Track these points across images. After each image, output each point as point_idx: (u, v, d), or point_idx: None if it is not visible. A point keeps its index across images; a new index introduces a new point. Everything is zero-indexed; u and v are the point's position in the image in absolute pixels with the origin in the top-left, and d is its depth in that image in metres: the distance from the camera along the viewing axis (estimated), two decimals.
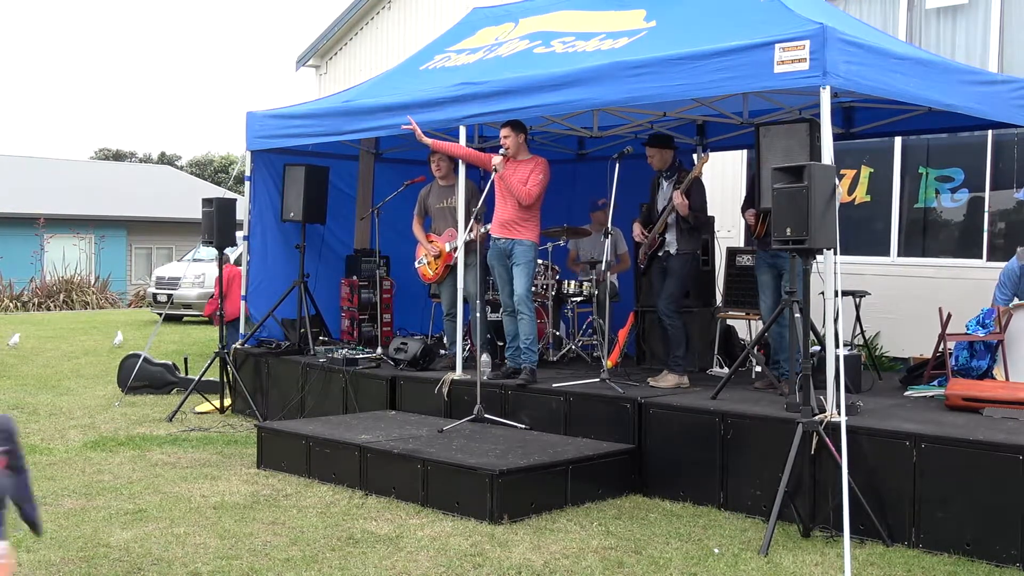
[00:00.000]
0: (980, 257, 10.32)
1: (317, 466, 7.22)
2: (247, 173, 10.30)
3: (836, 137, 6.67)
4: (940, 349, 7.96)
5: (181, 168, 52.06)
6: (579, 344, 9.46)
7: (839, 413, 5.65)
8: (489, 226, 8.13)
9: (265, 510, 6.35)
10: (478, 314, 7.84)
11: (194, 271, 19.63)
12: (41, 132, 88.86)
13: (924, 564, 5.37)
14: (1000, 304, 7.96)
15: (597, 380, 7.65)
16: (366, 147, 11.03)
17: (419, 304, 10.63)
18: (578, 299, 9.48)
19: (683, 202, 7.66)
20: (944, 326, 7.97)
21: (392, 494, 6.63)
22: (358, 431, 7.42)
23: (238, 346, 10.30)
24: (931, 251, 10.88)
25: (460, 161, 8.31)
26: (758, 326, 8.60)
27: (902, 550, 5.61)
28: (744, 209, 7.89)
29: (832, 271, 5.93)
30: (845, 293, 7.66)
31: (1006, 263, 8.30)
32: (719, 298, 9.51)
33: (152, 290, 21.55)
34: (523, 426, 7.49)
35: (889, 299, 10.26)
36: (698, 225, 7.93)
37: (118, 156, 55.24)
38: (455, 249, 8.63)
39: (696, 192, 7.82)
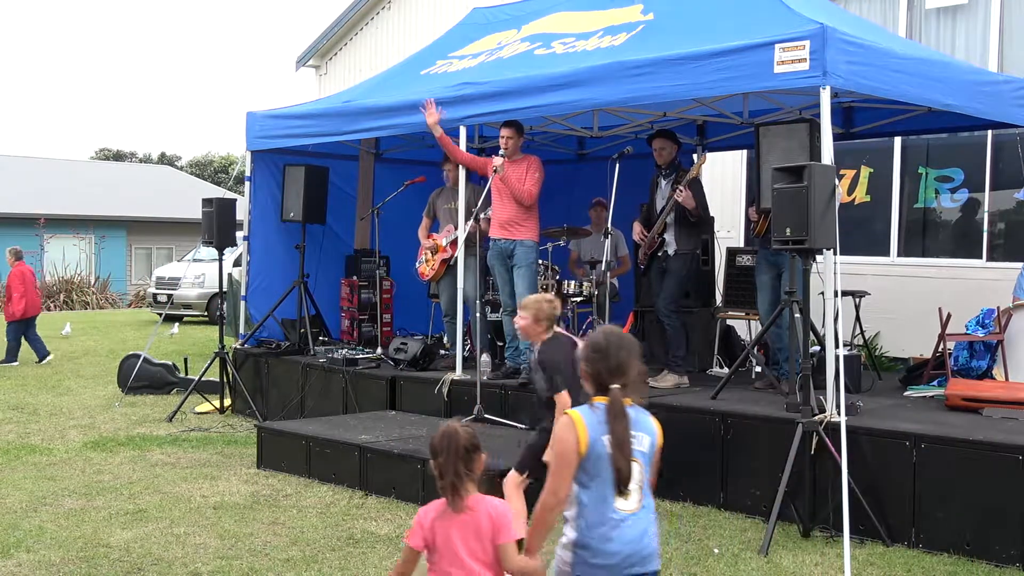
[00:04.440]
0: (980, 257, 10.31)
1: (317, 466, 7.21)
2: (247, 173, 10.29)
3: (836, 137, 6.67)
4: (940, 349, 7.96)
5: (181, 168, 52.04)
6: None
7: (839, 413, 5.65)
8: (490, 211, 8.12)
9: (265, 510, 6.35)
10: (478, 315, 7.84)
11: (194, 271, 19.63)
12: (41, 132, 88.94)
13: (924, 564, 5.37)
14: (1021, 297, 7.83)
15: None
16: (366, 147, 11.03)
17: (419, 304, 10.63)
18: (578, 299, 9.48)
19: (687, 194, 7.65)
20: (944, 326, 7.97)
21: (392, 494, 6.63)
22: (358, 431, 7.42)
23: (238, 346, 10.30)
24: (931, 251, 10.87)
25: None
26: (758, 326, 8.60)
27: (902, 550, 5.61)
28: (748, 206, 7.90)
29: (832, 271, 5.93)
30: (845, 293, 7.65)
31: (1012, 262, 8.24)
32: (719, 298, 9.51)
33: (152, 290, 21.55)
34: (523, 426, 7.49)
35: (889, 299, 10.26)
36: (701, 221, 7.93)
37: (118, 156, 55.22)
38: (452, 243, 8.63)
39: (696, 191, 7.83)
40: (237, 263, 14.21)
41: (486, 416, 7.54)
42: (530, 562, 3.19)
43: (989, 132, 9.89)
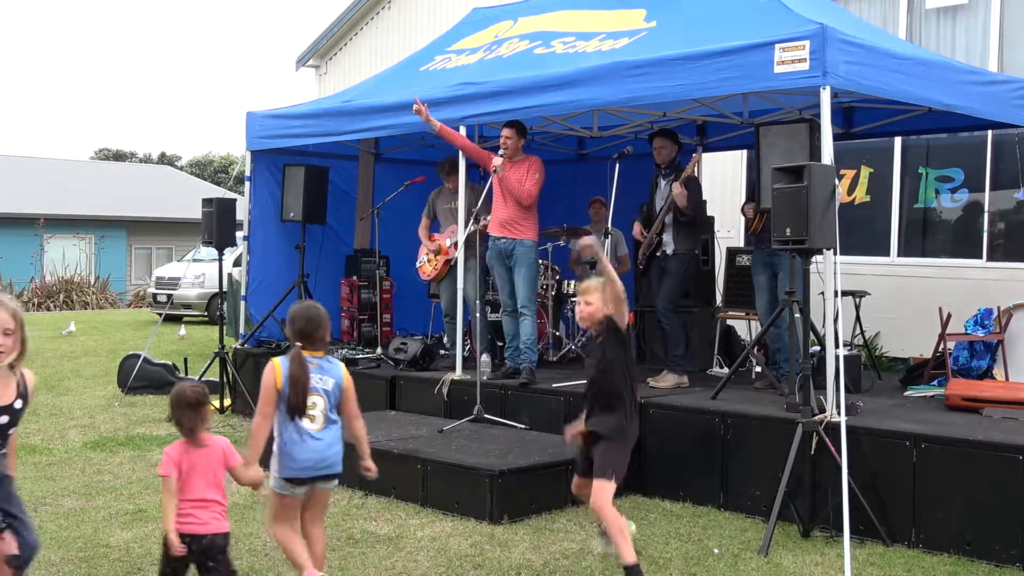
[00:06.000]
0: (980, 257, 10.31)
1: None
2: (247, 173, 10.29)
3: (836, 137, 6.66)
4: (940, 349, 7.96)
5: (181, 168, 52.04)
6: (579, 344, 9.45)
7: (839, 413, 5.65)
8: (489, 218, 8.13)
9: (265, 510, 6.34)
10: (478, 315, 7.83)
11: (194, 271, 19.61)
12: (41, 132, 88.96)
13: (924, 564, 5.37)
14: None
15: None
16: (366, 147, 11.03)
17: (419, 304, 10.63)
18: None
19: (682, 191, 7.65)
20: (944, 326, 7.97)
21: (392, 494, 6.62)
22: None
23: (238, 346, 10.30)
24: (931, 251, 10.87)
25: (462, 160, 8.28)
26: (758, 326, 8.60)
27: (902, 550, 5.61)
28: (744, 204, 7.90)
29: (832, 271, 5.93)
30: (845, 293, 7.66)
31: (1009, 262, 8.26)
32: (719, 298, 9.51)
33: (152, 290, 21.52)
34: (523, 426, 7.49)
35: (889, 299, 10.26)
36: (697, 220, 7.93)
37: (118, 156, 55.20)
38: (455, 244, 8.64)
39: (693, 190, 7.83)
40: (237, 263, 14.20)
41: (486, 416, 7.54)
42: (254, 473, 4.38)
43: (989, 132, 9.89)
